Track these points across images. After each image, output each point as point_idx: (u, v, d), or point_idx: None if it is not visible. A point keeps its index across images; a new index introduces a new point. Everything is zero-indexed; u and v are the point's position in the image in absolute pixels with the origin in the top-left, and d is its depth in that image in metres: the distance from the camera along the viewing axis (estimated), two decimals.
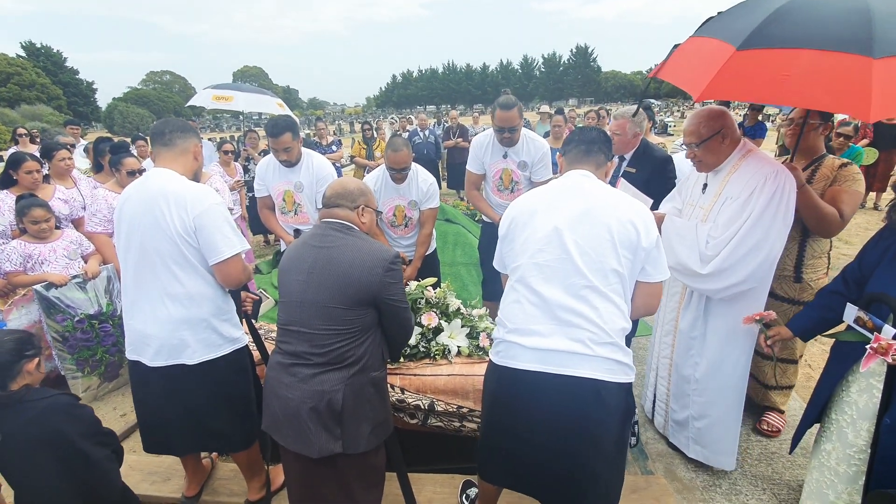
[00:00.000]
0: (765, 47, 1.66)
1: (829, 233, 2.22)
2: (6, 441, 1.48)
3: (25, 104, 38.96)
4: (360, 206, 1.77)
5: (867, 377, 1.67)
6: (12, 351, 1.54)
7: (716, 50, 1.81)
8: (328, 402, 1.57)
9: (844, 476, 1.75)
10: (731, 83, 1.70)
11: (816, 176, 2.26)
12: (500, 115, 2.93)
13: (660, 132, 9.29)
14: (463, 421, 2.23)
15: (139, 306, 1.85)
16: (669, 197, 2.53)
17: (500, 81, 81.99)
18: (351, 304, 1.60)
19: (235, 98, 6.47)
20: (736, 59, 1.68)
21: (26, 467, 1.51)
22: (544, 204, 1.66)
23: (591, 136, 1.77)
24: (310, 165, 3.08)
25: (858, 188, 2.18)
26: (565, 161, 1.80)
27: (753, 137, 6.21)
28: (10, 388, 1.53)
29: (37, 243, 3.03)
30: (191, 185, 1.84)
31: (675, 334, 2.38)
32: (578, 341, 1.47)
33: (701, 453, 2.35)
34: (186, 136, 1.93)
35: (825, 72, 1.55)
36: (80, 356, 3.09)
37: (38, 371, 1.63)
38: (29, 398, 1.53)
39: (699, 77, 1.79)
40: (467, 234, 5.15)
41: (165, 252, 1.78)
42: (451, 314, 2.41)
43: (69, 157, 3.73)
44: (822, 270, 2.36)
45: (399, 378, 2.21)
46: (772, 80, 1.63)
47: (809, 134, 2.27)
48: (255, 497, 2.15)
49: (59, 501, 1.56)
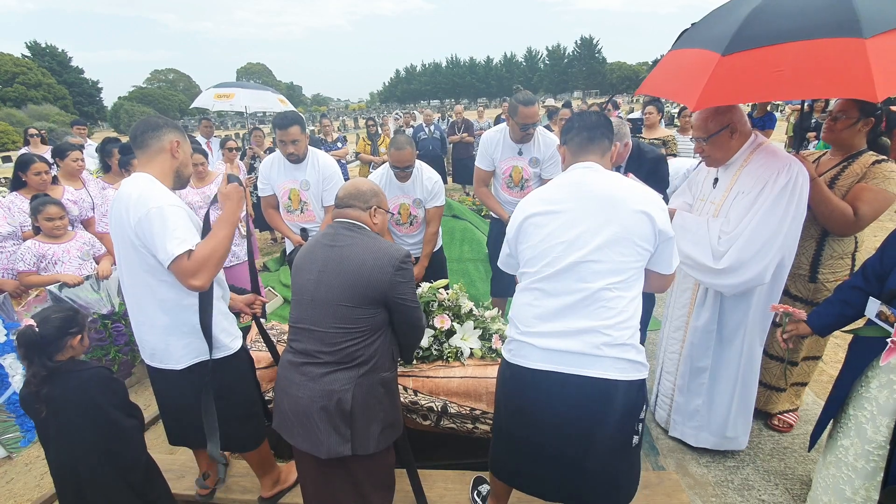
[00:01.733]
0: (749, 48, 1.67)
1: (841, 231, 2.15)
2: (51, 406, 1.67)
3: (32, 104, 39.23)
4: (372, 207, 1.77)
5: (887, 373, 1.65)
6: (59, 327, 1.70)
7: (700, 59, 1.83)
8: (338, 402, 1.57)
9: (862, 472, 1.73)
10: (724, 88, 1.71)
11: (846, 172, 2.16)
12: (524, 112, 2.87)
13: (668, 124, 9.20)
14: (476, 423, 2.24)
15: (132, 311, 1.85)
16: (680, 192, 2.50)
17: (504, 75, 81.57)
18: (361, 303, 1.60)
19: (237, 95, 6.49)
20: (723, 65, 1.69)
21: (66, 431, 1.70)
22: (555, 204, 1.61)
23: (591, 120, 1.68)
24: (315, 163, 3.07)
25: (888, 187, 2.02)
26: (568, 151, 1.70)
27: (763, 129, 6.13)
28: (57, 359, 1.71)
29: (50, 243, 3.06)
30: (144, 188, 1.67)
31: (685, 330, 2.36)
32: (591, 344, 1.46)
33: (709, 440, 2.36)
34: (159, 133, 1.78)
35: (818, 60, 1.56)
36: (94, 355, 3.13)
37: (82, 345, 1.78)
38: (74, 368, 1.73)
39: (690, 88, 1.81)
40: (475, 230, 5.13)
41: (133, 260, 1.72)
42: (464, 316, 2.41)
43: (82, 158, 3.76)
44: (844, 272, 2.23)
45: (412, 380, 2.22)
46: (764, 78, 1.64)
47: (846, 129, 2.15)
48: (267, 494, 2.17)
49: (91, 463, 1.72)
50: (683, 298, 2.38)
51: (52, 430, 1.71)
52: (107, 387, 1.75)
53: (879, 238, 1.81)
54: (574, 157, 1.68)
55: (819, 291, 2.29)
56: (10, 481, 2.56)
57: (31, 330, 1.66)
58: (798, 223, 1.95)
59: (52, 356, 1.70)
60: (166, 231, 1.61)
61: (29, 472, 2.60)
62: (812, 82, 1.58)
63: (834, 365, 3.23)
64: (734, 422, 2.30)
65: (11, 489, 2.50)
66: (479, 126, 8.98)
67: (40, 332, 1.67)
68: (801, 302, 2.34)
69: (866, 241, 2.34)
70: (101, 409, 1.71)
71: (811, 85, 1.59)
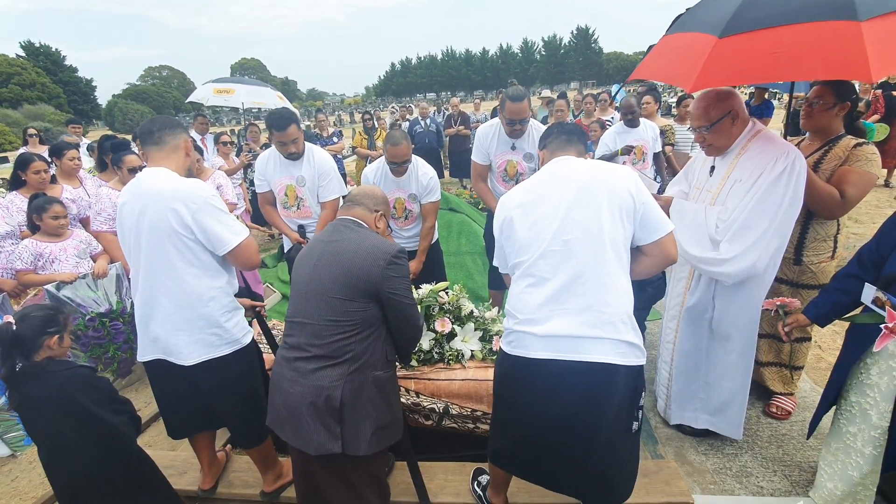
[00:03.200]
0: (746, 31, 1.69)
1: (828, 214, 2.19)
2: (33, 406, 1.66)
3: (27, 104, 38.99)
4: (379, 212, 1.85)
5: (886, 359, 1.66)
6: (36, 326, 1.68)
7: (696, 42, 1.84)
8: (326, 399, 1.55)
9: (870, 457, 1.75)
10: (721, 70, 1.73)
11: (828, 156, 2.20)
12: (511, 108, 2.87)
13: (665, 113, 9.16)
14: (477, 423, 2.27)
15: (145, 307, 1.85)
16: (675, 180, 2.50)
17: (500, 66, 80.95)
18: (352, 295, 1.60)
19: (237, 91, 6.46)
20: (720, 47, 1.71)
21: (51, 430, 1.68)
22: (538, 193, 1.65)
23: (569, 128, 1.85)
24: (311, 159, 3.05)
25: (870, 169, 2.10)
26: (547, 152, 1.83)
27: (760, 117, 6.11)
28: (34, 359, 1.68)
29: (48, 242, 3.05)
30: (183, 181, 1.82)
31: (679, 319, 2.37)
32: (588, 324, 1.48)
33: (709, 421, 2.37)
34: (175, 132, 1.89)
35: (814, 42, 1.58)
36: (93, 353, 3.13)
37: (61, 347, 1.75)
38: (51, 369, 1.70)
39: (686, 70, 1.82)
40: (472, 223, 5.13)
41: (170, 252, 1.77)
42: (465, 318, 2.43)
43: (78, 157, 3.75)
44: (826, 254, 2.30)
45: (414, 382, 2.26)
46: (760, 60, 1.66)
47: (822, 114, 2.21)
48: (269, 489, 2.18)
49: (80, 461, 1.71)
50: (679, 287, 2.38)
51: (40, 430, 1.69)
52: (88, 385, 1.72)
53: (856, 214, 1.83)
54: (552, 156, 1.78)
55: (803, 273, 2.33)
56: (14, 479, 2.57)
57: (7, 327, 1.63)
58: (795, 209, 1.95)
59: (29, 355, 1.67)
60: (223, 221, 1.81)
61: (33, 470, 2.61)
62: (808, 64, 1.60)
63: (832, 352, 3.25)
64: (729, 409, 2.30)
65: (16, 487, 2.51)
66: (475, 119, 8.94)
67: (17, 331, 1.63)
68: (786, 284, 2.38)
69: (847, 223, 2.39)
70: (85, 408, 1.68)
71: (807, 67, 1.61)
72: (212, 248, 1.82)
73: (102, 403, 1.74)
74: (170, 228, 1.74)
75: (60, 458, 1.72)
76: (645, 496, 2.06)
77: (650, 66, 2.19)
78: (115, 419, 1.77)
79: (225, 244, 1.80)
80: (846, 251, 2.37)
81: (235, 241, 1.81)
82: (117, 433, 1.78)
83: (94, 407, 1.70)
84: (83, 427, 1.69)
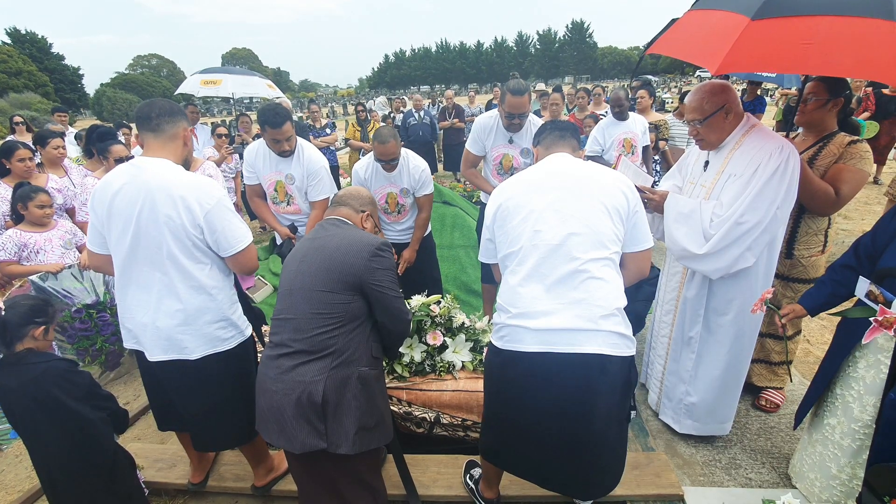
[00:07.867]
0: (781, 16, 1.59)
1: (822, 211, 2.20)
2: (11, 397, 1.63)
3: (13, 92, 38.19)
4: (366, 212, 1.87)
5: (875, 353, 1.67)
6: (23, 314, 1.66)
7: (726, 21, 1.73)
8: (308, 395, 1.52)
9: (848, 450, 1.77)
10: (750, 54, 1.62)
11: (822, 153, 2.21)
12: (511, 101, 2.83)
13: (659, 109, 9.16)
14: (467, 431, 2.30)
15: (138, 301, 1.78)
16: (669, 175, 2.50)
17: (495, 59, 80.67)
18: (336, 288, 1.59)
19: (224, 81, 6.34)
20: (752, 30, 1.60)
21: (29, 423, 1.66)
22: (533, 186, 1.65)
23: (562, 124, 1.89)
24: (300, 157, 2.98)
25: (864, 167, 2.11)
26: (541, 148, 1.86)
27: (753, 112, 6.11)
28: (16, 348, 1.65)
29: (32, 232, 2.99)
30: (195, 178, 1.76)
31: (675, 313, 2.37)
32: (583, 317, 1.48)
33: (694, 426, 2.37)
34: (175, 119, 1.78)
35: (849, 38, 1.51)
36: (80, 346, 3.08)
37: (45, 339, 1.73)
38: (29, 360, 1.66)
39: (712, 50, 1.71)
40: (465, 217, 5.11)
41: (173, 248, 1.70)
42: (456, 329, 2.45)
43: (63, 146, 3.67)
44: (817, 248, 2.32)
45: (406, 392, 2.27)
46: (792, 49, 1.56)
47: (816, 110, 2.21)
48: (261, 483, 2.17)
49: (55, 455, 1.69)
50: (673, 282, 2.39)
51: (19, 421, 1.66)
52: (64, 379, 1.67)
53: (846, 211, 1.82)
54: (547, 152, 1.81)
55: (795, 267, 2.36)
56: (0, 472, 2.54)
57: None
58: (788, 205, 1.95)
59: (11, 343, 1.63)
60: (232, 223, 1.78)
61: (20, 464, 2.58)
62: (840, 60, 1.52)
63: (821, 346, 3.28)
64: (719, 407, 2.31)
65: (2, 480, 2.48)
66: (469, 112, 8.88)
67: (3, 317, 1.60)
68: (778, 278, 2.38)
69: (837, 219, 2.41)
70: (61, 403, 1.64)
71: (838, 63, 1.53)
72: (216, 250, 1.78)
73: (79, 398, 1.69)
74: (178, 225, 1.67)
75: (38, 450, 1.70)
76: (636, 488, 2.08)
77: (672, 41, 2.08)
78: (92, 415, 1.72)
79: (229, 248, 1.77)
80: (836, 247, 2.39)
81: (240, 246, 1.79)
82: (94, 430, 1.72)
83: (70, 402, 1.65)
84: (57, 422, 1.65)
